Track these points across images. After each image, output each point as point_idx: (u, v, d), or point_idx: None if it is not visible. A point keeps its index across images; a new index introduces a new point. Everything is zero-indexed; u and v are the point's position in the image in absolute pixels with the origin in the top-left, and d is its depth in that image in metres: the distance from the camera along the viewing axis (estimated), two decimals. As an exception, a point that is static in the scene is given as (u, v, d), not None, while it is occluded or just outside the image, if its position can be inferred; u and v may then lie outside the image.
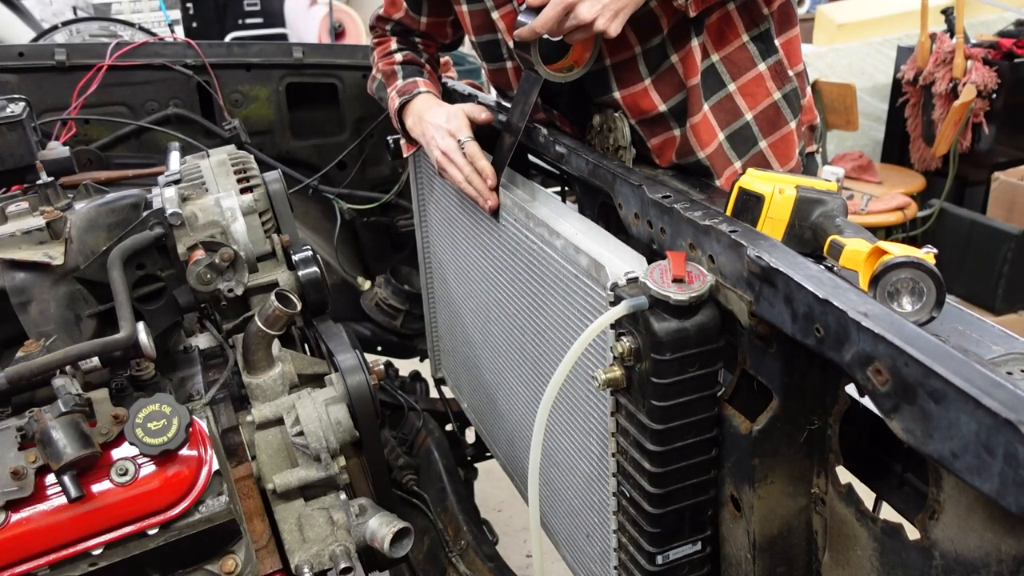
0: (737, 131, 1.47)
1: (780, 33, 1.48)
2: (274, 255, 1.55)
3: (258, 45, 2.37)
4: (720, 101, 1.45)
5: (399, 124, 1.68)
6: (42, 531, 1.03)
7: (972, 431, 0.68)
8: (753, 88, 1.47)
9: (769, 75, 1.47)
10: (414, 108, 1.62)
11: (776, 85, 1.47)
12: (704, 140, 1.43)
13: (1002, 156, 4.20)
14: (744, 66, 1.45)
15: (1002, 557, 0.75)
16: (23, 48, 2.24)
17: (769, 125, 1.48)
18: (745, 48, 1.45)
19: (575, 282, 1.23)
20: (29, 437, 1.03)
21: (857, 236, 0.98)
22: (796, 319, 0.89)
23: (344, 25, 7.98)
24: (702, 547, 1.15)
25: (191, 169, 1.55)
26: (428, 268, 2.06)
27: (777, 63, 1.47)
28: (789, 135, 1.50)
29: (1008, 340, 0.85)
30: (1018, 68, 4.05)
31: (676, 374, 1.02)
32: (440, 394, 2.27)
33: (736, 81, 1.45)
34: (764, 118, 1.48)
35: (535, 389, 1.50)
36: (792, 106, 1.50)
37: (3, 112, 1.42)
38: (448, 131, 1.52)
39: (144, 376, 1.24)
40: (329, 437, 1.30)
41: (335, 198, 2.34)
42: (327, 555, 1.25)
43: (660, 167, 1.49)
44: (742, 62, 1.45)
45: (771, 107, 1.48)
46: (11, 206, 1.34)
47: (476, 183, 1.48)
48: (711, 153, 1.44)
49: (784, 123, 1.49)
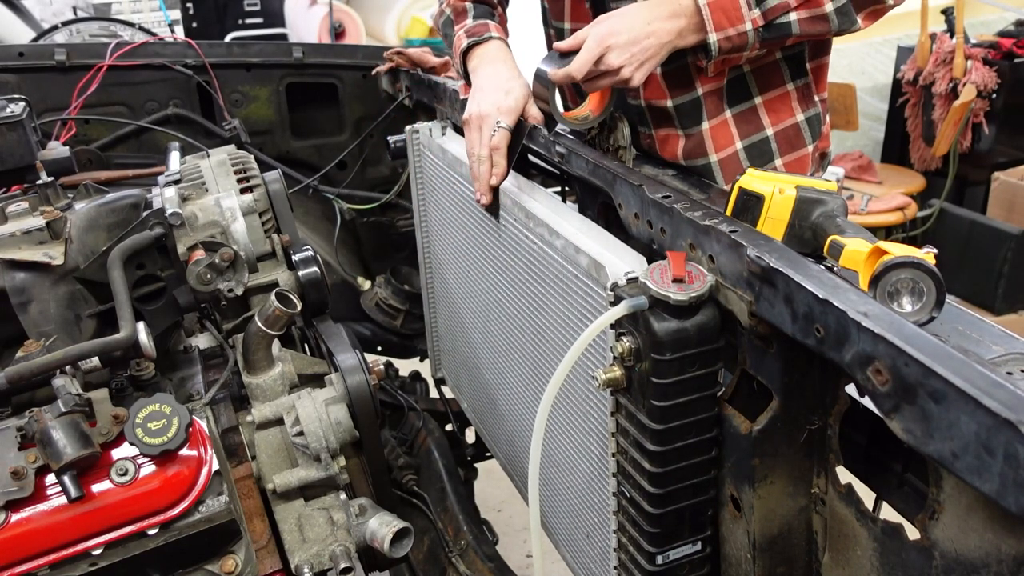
0: (756, 143, 1.49)
1: (812, 58, 1.51)
2: (274, 255, 1.54)
3: (258, 45, 2.37)
4: (744, 112, 1.48)
5: (462, 65, 1.61)
6: (42, 531, 1.03)
7: (972, 431, 0.68)
8: (778, 105, 1.49)
9: (796, 95, 1.49)
10: (483, 53, 1.55)
11: (801, 107, 1.50)
12: (720, 144, 1.45)
13: (1002, 156, 4.20)
14: (773, 82, 1.48)
15: (1002, 557, 0.75)
16: (23, 48, 2.24)
17: (788, 144, 1.51)
18: (777, 65, 1.48)
19: (575, 282, 1.23)
20: (29, 437, 1.03)
21: (857, 236, 0.98)
22: (796, 319, 0.89)
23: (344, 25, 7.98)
24: (702, 547, 1.15)
25: (191, 169, 1.55)
26: (428, 268, 2.06)
27: (805, 86, 1.50)
28: (804, 158, 1.52)
29: (1008, 340, 0.85)
30: (1018, 68, 4.05)
31: (676, 374, 1.02)
32: (440, 394, 2.27)
33: (763, 95, 1.48)
34: (784, 137, 1.50)
35: (535, 389, 1.50)
36: (813, 130, 1.52)
37: (3, 112, 1.42)
38: (497, 104, 1.45)
39: (144, 376, 1.24)
40: (329, 437, 1.30)
41: (335, 198, 2.34)
42: (327, 555, 1.25)
43: (661, 160, 1.50)
44: (772, 77, 1.48)
45: (792, 127, 1.50)
46: (11, 206, 1.34)
47: (483, 170, 1.46)
48: (725, 158, 1.46)
49: (802, 145, 1.52)
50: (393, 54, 2.23)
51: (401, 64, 2.21)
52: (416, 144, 1.95)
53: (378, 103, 2.36)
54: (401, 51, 2.22)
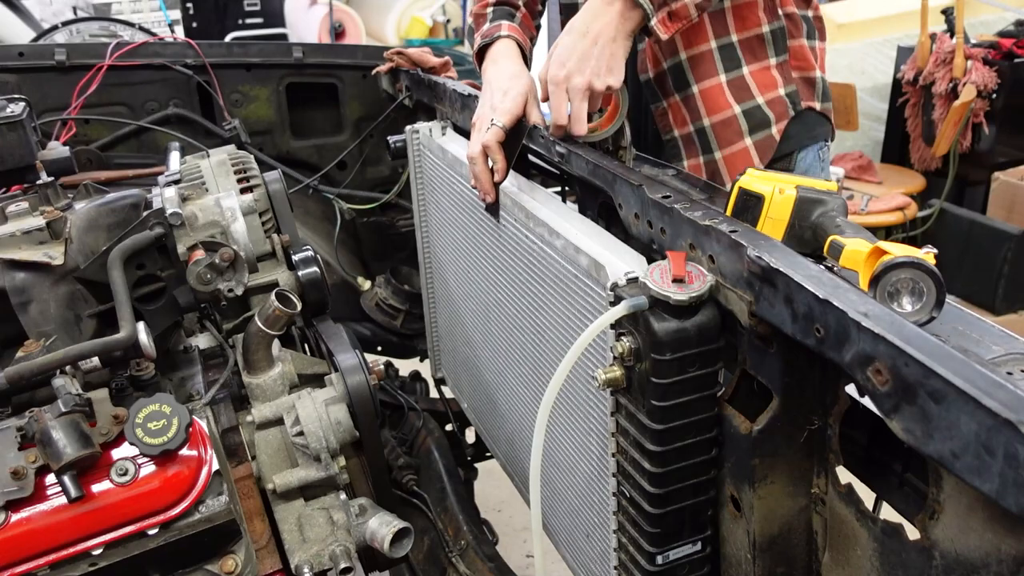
0: (724, 46, 1.59)
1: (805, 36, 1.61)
2: (274, 255, 1.54)
3: (258, 45, 2.37)
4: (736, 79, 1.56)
5: (478, 68, 1.62)
6: (42, 531, 1.03)
7: (972, 431, 0.68)
8: (745, 13, 1.57)
9: (762, 4, 1.57)
10: (491, 54, 1.56)
11: (767, 18, 1.58)
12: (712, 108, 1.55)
13: (1002, 156, 4.20)
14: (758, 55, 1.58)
15: (1002, 557, 0.75)
16: (23, 48, 2.24)
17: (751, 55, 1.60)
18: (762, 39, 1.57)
19: (575, 282, 1.23)
20: (29, 437, 1.03)
21: (857, 236, 0.98)
22: (796, 319, 0.89)
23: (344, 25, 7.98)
24: (702, 547, 1.15)
25: (191, 169, 1.55)
26: (428, 268, 2.06)
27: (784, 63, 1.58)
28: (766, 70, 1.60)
29: (1008, 340, 0.85)
30: (1018, 68, 4.05)
31: (676, 374, 1.02)
32: (440, 394, 2.27)
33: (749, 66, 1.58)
34: (747, 46, 1.59)
35: (535, 389, 1.50)
36: (777, 44, 1.60)
37: (3, 112, 1.42)
38: (493, 104, 1.45)
39: (144, 376, 1.24)
40: (329, 437, 1.30)
41: (335, 198, 2.34)
42: (327, 555, 1.25)
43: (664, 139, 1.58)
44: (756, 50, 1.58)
45: (756, 37, 1.59)
46: (11, 206, 1.34)
47: (476, 170, 1.46)
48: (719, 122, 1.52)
49: (764, 56, 1.60)
50: (393, 54, 2.23)
51: (401, 64, 2.21)
52: (416, 144, 1.95)
53: (378, 103, 2.36)
54: (401, 51, 2.22)
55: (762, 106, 1.59)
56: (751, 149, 1.61)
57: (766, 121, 1.59)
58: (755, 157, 1.60)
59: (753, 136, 1.60)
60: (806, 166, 1.66)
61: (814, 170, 1.67)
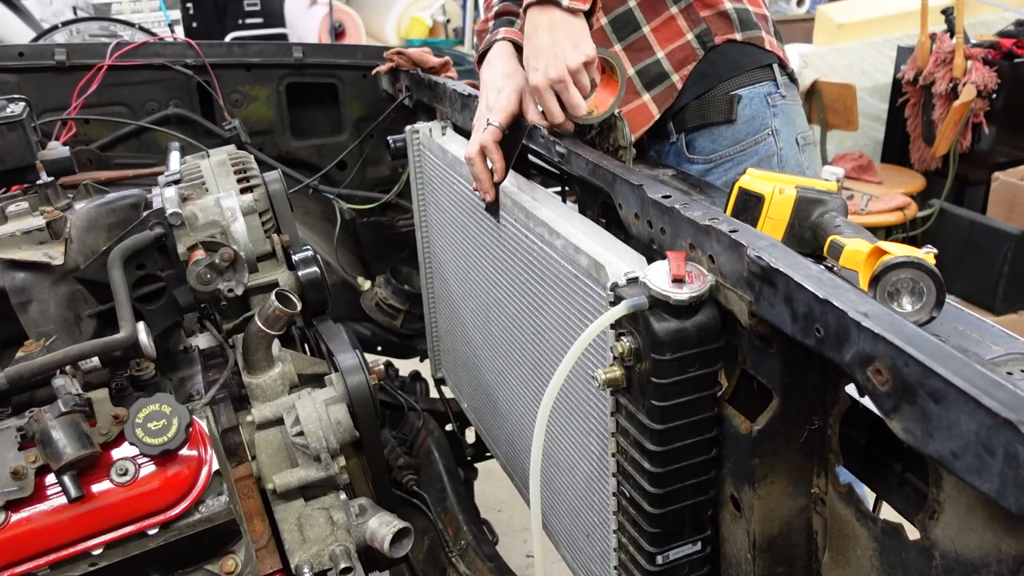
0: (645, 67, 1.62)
1: None
2: (274, 255, 1.55)
3: (258, 45, 2.37)
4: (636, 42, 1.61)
5: None
6: (42, 531, 1.03)
7: (972, 431, 0.68)
8: None
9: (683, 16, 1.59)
10: (487, 58, 1.57)
11: (689, 24, 1.59)
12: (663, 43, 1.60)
13: (1002, 156, 4.20)
14: None
15: (1002, 557, 0.75)
16: (23, 48, 2.24)
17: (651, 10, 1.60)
18: None
19: (575, 282, 1.23)
20: (29, 437, 1.03)
21: (857, 236, 0.98)
22: (796, 319, 0.89)
23: (344, 25, 7.99)
24: (702, 547, 1.15)
25: (191, 169, 1.55)
26: (428, 268, 2.06)
27: (688, 6, 1.59)
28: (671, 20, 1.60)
29: (1008, 340, 0.85)
30: (1018, 68, 4.05)
31: (676, 374, 1.02)
32: (440, 394, 2.27)
33: None
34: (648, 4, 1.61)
35: (535, 389, 1.50)
36: None
37: (3, 112, 1.42)
38: (488, 104, 1.46)
39: (144, 376, 1.24)
40: (329, 437, 1.30)
41: (335, 198, 2.34)
42: (327, 555, 1.25)
43: None
44: None
45: None
46: (11, 206, 1.34)
47: (475, 171, 1.46)
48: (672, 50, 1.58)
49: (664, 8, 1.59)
50: (393, 54, 2.23)
51: (401, 64, 2.21)
52: (416, 144, 1.95)
53: (378, 103, 2.36)
54: (401, 51, 2.22)
55: (661, 59, 1.59)
56: (649, 104, 1.62)
57: (663, 74, 1.60)
58: (653, 109, 1.62)
59: (652, 91, 1.62)
60: (751, 113, 1.60)
61: (761, 117, 1.60)
